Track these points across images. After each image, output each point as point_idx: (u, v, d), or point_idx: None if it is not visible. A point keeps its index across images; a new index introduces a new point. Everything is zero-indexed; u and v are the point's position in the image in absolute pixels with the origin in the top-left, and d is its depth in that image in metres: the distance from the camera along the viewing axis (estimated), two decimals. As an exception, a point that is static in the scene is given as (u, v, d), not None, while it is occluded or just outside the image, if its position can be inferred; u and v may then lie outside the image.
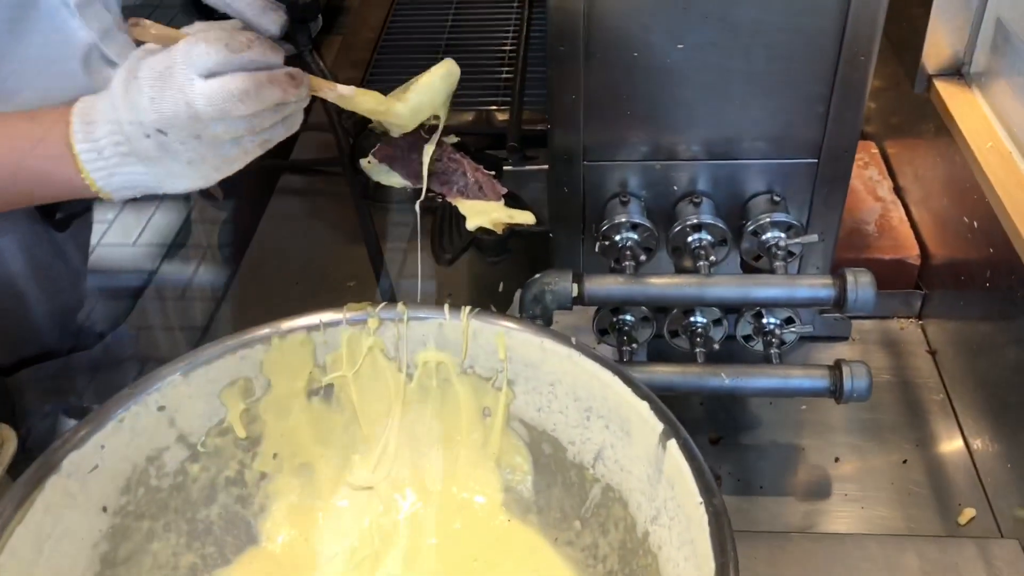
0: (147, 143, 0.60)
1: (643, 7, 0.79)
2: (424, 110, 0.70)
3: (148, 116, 0.59)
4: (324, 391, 0.73)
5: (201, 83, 0.58)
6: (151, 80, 0.59)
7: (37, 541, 0.59)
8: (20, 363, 0.84)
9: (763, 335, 0.89)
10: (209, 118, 0.59)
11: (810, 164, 0.87)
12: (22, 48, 0.72)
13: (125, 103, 0.60)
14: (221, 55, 0.58)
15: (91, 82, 0.77)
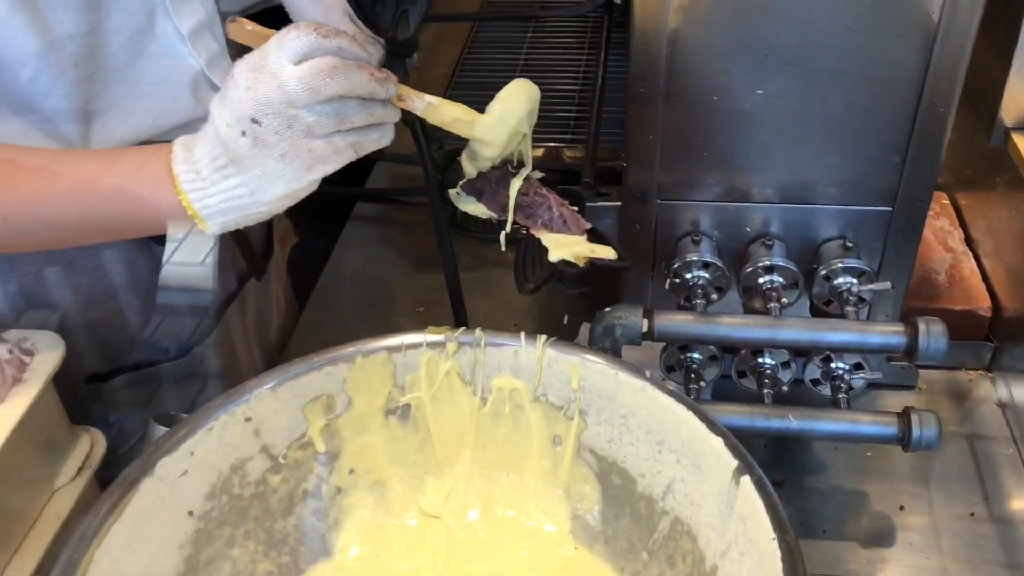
0: (243, 142, 0.62)
1: (724, 53, 0.81)
2: (508, 121, 0.71)
3: (245, 106, 0.61)
4: (401, 411, 0.75)
5: (292, 67, 0.60)
6: (246, 72, 0.61)
7: (129, 539, 0.62)
8: (115, 371, 0.88)
9: (831, 380, 0.89)
10: (302, 102, 0.61)
11: (884, 212, 0.87)
12: (138, 72, 0.77)
13: (222, 106, 0.62)
14: (311, 38, 0.61)
15: (198, 106, 0.81)
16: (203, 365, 0.92)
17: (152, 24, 0.77)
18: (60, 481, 0.79)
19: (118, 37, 0.75)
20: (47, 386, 0.76)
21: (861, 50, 0.79)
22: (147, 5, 0.77)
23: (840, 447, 0.95)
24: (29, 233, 0.68)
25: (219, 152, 0.63)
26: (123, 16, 0.75)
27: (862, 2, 0.77)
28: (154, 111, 0.79)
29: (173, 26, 0.79)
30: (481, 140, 0.71)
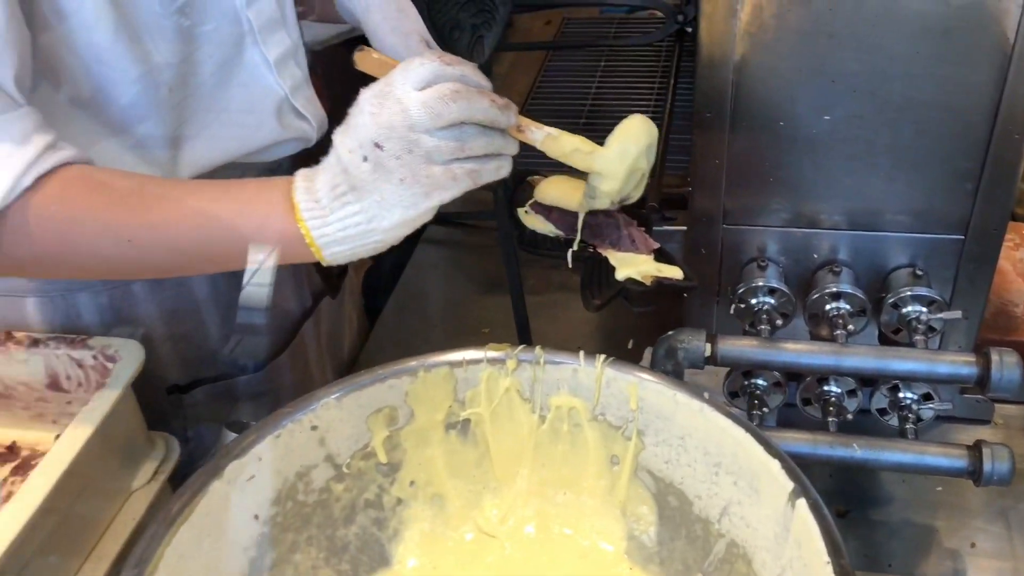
0: (364, 167, 0.64)
1: (791, 79, 0.81)
2: (629, 155, 0.70)
3: (368, 131, 0.63)
4: (461, 425, 0.76)
5: (416, 93, 0.62)
6: (371, 99, 0.64)
7: (198, 539, 0.64)
8: (195, 383, 0.91)
9: (899, 409, 0.87)
10: (423, 127, 0.62)
11: (956, 240, 0.86)
12: (227, 99, 0.81)
13: (345, 133, 0.64)
14: (435, 65, 0.63)
15: (282, 131, 0.85)
16: (278, 379, 0.95)
17: (240, 53, 0.81)
18: (135, 484, 0.82)
19: (209, 65, 0.79)
20: (127, 391, 0.79)
21: (932, 76, 0.78)
22: (236, 34, 0.80)
23: (909, 480, 0.92)
24: (153, 257, 0.70)
25: (340, 180, 0.65)
26: (214, 45, 0.79)
27: (933, 28, 0.76)
28: (240, 136, 0.83)
29: (260, 54, 0.82)
30: (600, 173, 0.70)
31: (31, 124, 0.66)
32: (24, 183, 0.64)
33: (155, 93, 0.76)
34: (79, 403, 0.83)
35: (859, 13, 0.77)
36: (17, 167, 0.64)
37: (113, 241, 0.67)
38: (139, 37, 0.74)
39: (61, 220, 0.66)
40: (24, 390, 0.86)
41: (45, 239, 0.66)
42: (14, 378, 0.85)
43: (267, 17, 0.80)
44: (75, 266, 0.72)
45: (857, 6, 0.76)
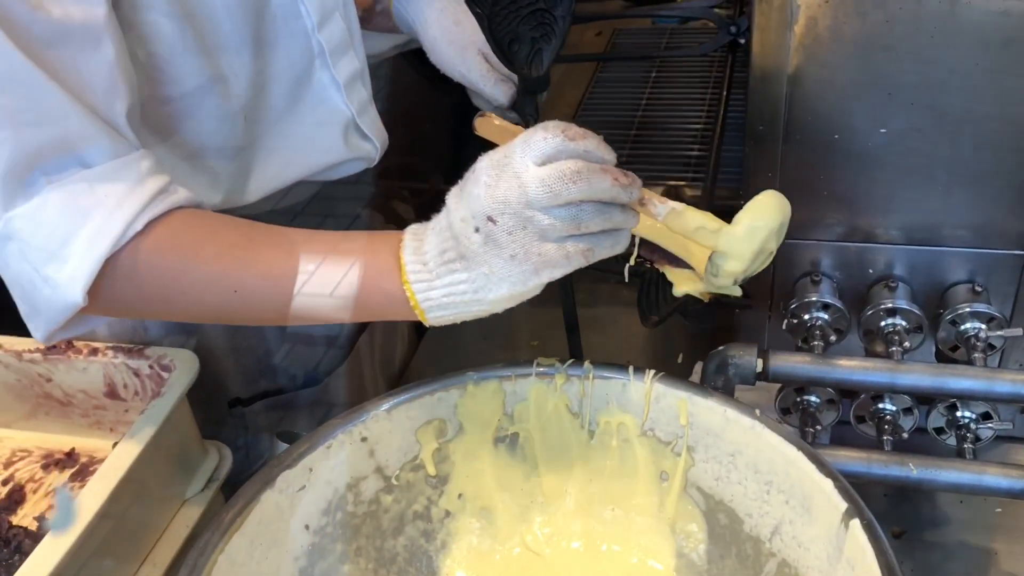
0: (475, 238, 0.61)
1: (846, 92, 0.80)
2: (758, 236, 0.65)
3: (483, 203, 0.60)
4: (510, 439, 0.76)
5: (536, 168, 0.60)
6: (489, 168, 0.61)
7: (250, 547, 0.65)
8: (256, 396, 0.93)
9: (957, 429, 0.85)
10: (540, 204, 0.60)
11: (1017, 256, 0.84)
12: (296, 120, 0.82)
13: (459, 200, 0.62)
14: (558, 140, 0.60)
15: (347, 152, 0.86)
16: (335, 392, 0.96)
17: (309, 75, 0.82)
18: (189, 492, 0.84)
19: (279, 89, 0.80)
20: (182, 401, 0.81)
21: (992, 88, 0.77)
22: (306, 57, 0.81)
23: (967, 501, 0.90)
24: (257, 310, 0.69)
25: (449, 246, 0.63)
26: (284, 69, 0.80)
27: (993, 39, 0.75)
28: (307, 158, 0.84)
29: (330, 75, 0.83)
30: (725, 253, 0.66)
31: (146, 167, 0.66)
32: (136, 227, 0.64)
33: (231, 121, 0.77)
34: (135, 411, 0.85)
35: (917, 25, 0.75)
36: (130, 212, 0.64)
37: (219, 291, 0.66)
38: (224, 77, 0.75)
39: (169, 268, 0.66)
40: (83, 398, 0.88)
41: (152, 285, 0.67)
42: (73, 386, 0.87)
43: (338, 39, 0.81)
44: (180, 312, 0.73)
45: (915, 18, 0.75)
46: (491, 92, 0.89)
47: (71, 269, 0.63)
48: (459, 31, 0.87)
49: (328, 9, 0.80)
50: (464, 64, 0.88)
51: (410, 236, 0.65)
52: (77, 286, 0.63)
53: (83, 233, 0.62)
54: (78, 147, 0.63)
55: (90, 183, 0.63)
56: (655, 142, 1.40)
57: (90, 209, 0.63)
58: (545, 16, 0.78)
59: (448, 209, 0.63)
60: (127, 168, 0.65)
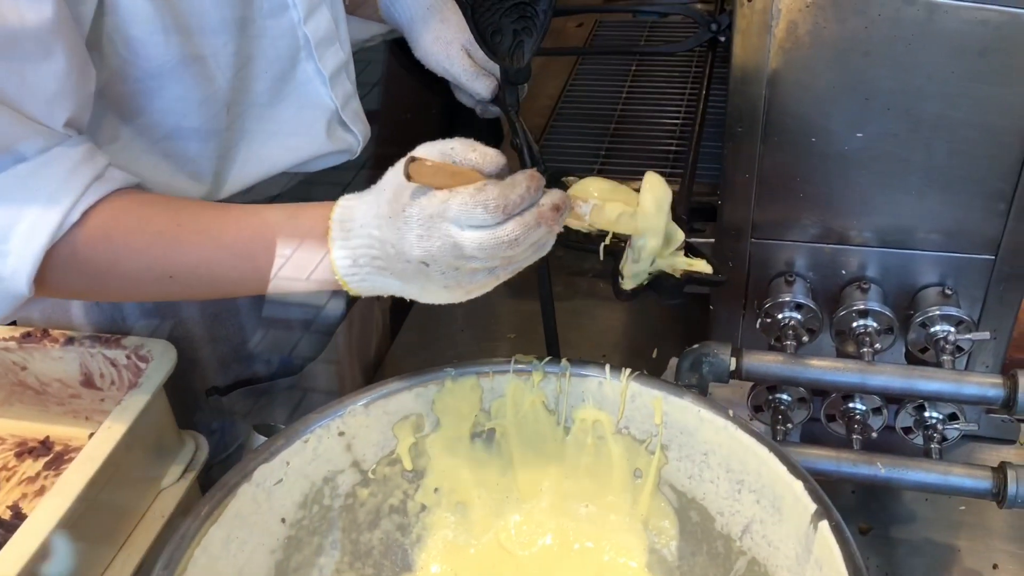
0: (406, 267, 0.62)
1: (824, 95, 0.81)
2: (664, 206, 0.69)
3: (413, 251, 0.61)
4: (486, 435, 0.77)
5: (472, 232, 0.59)
6: (421, 221, 0.60)
7: (226, 541, 0.66)
8: (234, 385, 0.93)
9: (924, 429, 0.87)
10: (477, 261, 0.61)
11: (986, 260, 0.85)
12: (279, 113, 0.82)
13: (391, 229, 0.61)
14: (496, 217, 0.59)
15: (329, 145, 0.86)
16: (313, 382, 0.97)
17: (294, 68, 0.82)
18: (166, 482, 0.84)
19: (263, 81, 0.80)
20: (160, 391, 0.81)
21: (967, 96, 0.78)
22: (291, 50, 0.81)
23: (932, 499, 0.92)
24: (194, 291, 0.72)
25: (378, 255, 0.63)
26: (269, 61, 0.79)
27: (969, 48, 0.76)
28: (289, 150, 0.84)
29: (315, 67, 0.83)
30: (646, 230, 0.69)
31: (79, 153, 0.67)
32: (72, 218, 0.65)
33: (210, 105, 0.77)
34: (112, 401, 0.85)
35: (895, 32, 0.76)
36: (65, 204, 0.65)
37: (154, 278, 0.68)
38: (203, 59, 0.74)
39: (104, 259, 0.67)
40: (59, 387, 0.88)
41: (93, 274, 0.68)
42: (49, 375, 0.87)
43: (324, 32, 0.81)
44: (126, 296, 0.76)
45: (893, 25, 0.76)
46: (473, 87, 0.89)
47: (13, 263, 0.64)
48: (444, 27, 0.88)
49: (315, 1, 0.79)
50: (448, 60, 0.88)
51: (338, 228, 0.64)
52: (21, 279, 0.65)
53: (20, 228, 0.64)
54: (9, 143, 0.64)
55: (22, 178, 0.64)
56: (634, 136, 1.40)
57: (25, 204, 0.64)
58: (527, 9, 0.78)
59: (380, 220, 0.62)
60: (59, 159, 0.65)
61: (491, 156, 0.62)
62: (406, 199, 0.61)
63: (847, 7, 0.76)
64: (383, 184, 0.63)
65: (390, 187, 0.62)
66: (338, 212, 0.64)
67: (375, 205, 0.63)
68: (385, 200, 0.62)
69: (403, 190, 0.61)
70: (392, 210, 0.61)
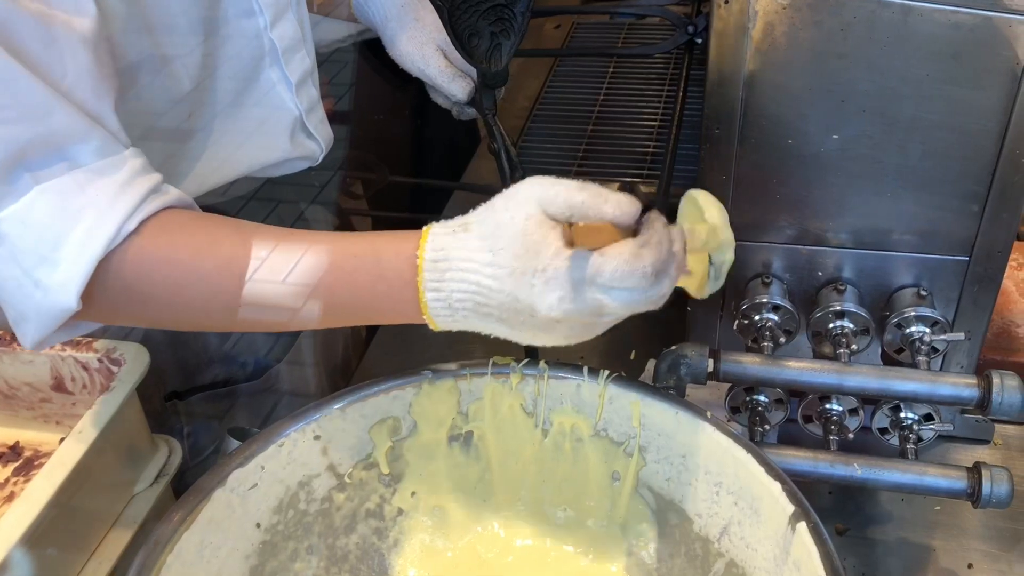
0: (528, 320, 0.59)
1: (801, 97, 0.81)
2: (726, 217, 0.68)
3: (551, 312, 0.58)
4: (464, 438, 0.77)
5: (621, 294, 0.57)
6: (566, 284, 0.57)
7: (200, 547, 0.65)
8: (194, 389, 0.92)
9: (900, 429, 0.88)
10: (613, 315, 0.59)
11: (960, 261, 0.86)
12: (242, 115, 0.81)
13: (522, 286, 0.58)
14: (651, 280, 0.57)
15: (292, 151, 0.85)
16: (276, 385, 0.96)
17: (257, 73, 0.81)
18: (139, 487, 0.83)
19: (227, 86, 0.79)
20: (132, 395, 0.80)
21: (941, 98, 0.78)
22: (256, 55, 0.80)
23: (908, 499, 0.93)
24: (253, 322, 0.68)
25: (491, 310, 0.60)
26: (234, 67, 0.78)
27: (943, 51, 0.76)
28: (249, 156, 0.83)
29: (281, 73, 0.82)
30: (726, 245, 0.67)
31: (137, 165, 0.64)
32: (129, 227, 0.61)
33: (178, 115, 0.76)
34: (83, 405, 0.84)
35: (870, 34, 0.77)
36: (123, 211, 0.61)
37: (221, 307, 0.64)
38: (169, 60, 0.73)
39: (166, 277, 0.63)
40: (28, 391, 0.86)
41: (148, 290, 0.64)
42: (18, 379, 0.86)
43: (290, 38, 0.80)
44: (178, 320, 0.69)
45: (868, 28, 0.76)
46: (449, 88, 0.89)
47: (63, 272, 0.60)
48: (419, 27, 0.87)
49: (281, 7, 0.79)
50: (423, 60, 0.88)
51: (431, 269, 0.60)
52: (71, 290, 0.60)
53: (75, 234, 0.60)
54: (65, 145, 0.60)
55: (80, 183, 0.61)
56: (612, 138, 1.41)
57: (81, 209, 0.60)
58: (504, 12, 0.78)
59: (490, 271, 0.59)
60: (117, 166, 0.62)
61: (625, 206, 0.58)
62: (547, 259, 0.57)
63: (823, 9, 0.76)
64: (496, 230, 0.59)
65: (514, 238, 0.58)
66: (430, 253, 0.60)
67: (487, 252, 0.59)
68: (510, 254, 0.58)
69: (540, 248, 0.58)
70: (524, 266, 0.58)
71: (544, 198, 0.58)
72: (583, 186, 0.59)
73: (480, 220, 0.60)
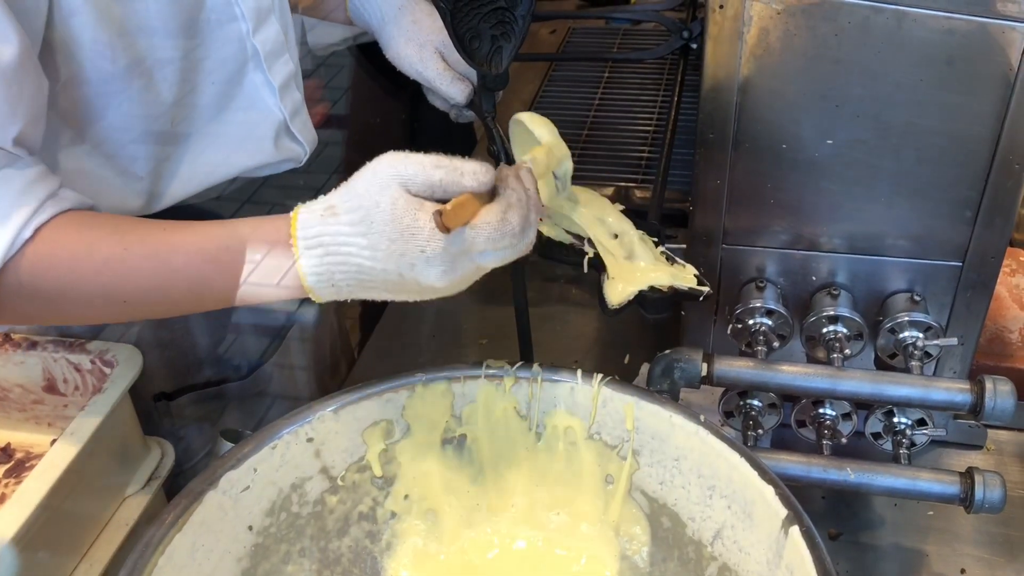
0: (407, 287, 0.63)
1: (795, 102, 0.81)
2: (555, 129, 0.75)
3: (435, 284, 0.62)
4: (457, 441, 0.77)
5: (495, 255, 0.63)
6: (444, 259, 0.61)
7: (192, 549, 0.64)
8: (181, 390, 0.91)
9: (893, 434, 0.88)
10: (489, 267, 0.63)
11: (954, 267, 0.86)
12: (226, 120, 0.81)
13: (402, 265, 0.61)
14: (516, 239, 0.62)
15: (276, 154, 0.85)
16: (264, 385, 0.96)
17: (241, 78, 0.81)
18: (130, 489, 0.82)
19: (210, 92, 0.79)
20: (124, 397, 0.80)
21: (935, 104, 0.79)
22: (239, 60, 0.80)
23: (901, 504, 0.93)
24: (151, 312, 0.72)
25: (372, 283, 0.63)
26: (216, 72, 0.79)
27: (937, 56, 0.77)
28: (235, 156, 0.83)
29: (264, 80, 0.82)
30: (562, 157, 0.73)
31: (33, 174, 0.65)
32: (24, 235, 0.63)
33: (161, 120, 0.76)
34: (75, 407, 0.83)
35: (864, 40, 0.77)
36: (18, 222, 0.62)
37: (108, 303, 0.66)
38: (149, 67, 0.73)
39: (53, 286, 0.65)
40: (20, 392, 0.86)
41: (41, 299, 0.66)
42: (10, 380, 0.85)
43: (273, 42, 0.81)
44: (78, 320, 0.73)
45: (862, 33, 0.76)
46: (448, 91, 0.89)
47: None
48: (417, 29, 0.87)
49: (264, 12, 0.79)
50: (421, 62, 0.88)
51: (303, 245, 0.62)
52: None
53: None
54: None
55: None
56: (607, 142, 1.41)
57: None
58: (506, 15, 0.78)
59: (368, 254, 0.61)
60: (10, 179, 0.63)
61: (481, 176, 0.62)
62: (423, 242, 0.60)
63: (817, 15, 0.77)
64: (366, 216, 0.61)
65: (385, 224, 0.61)
66: (303, 241, 0.62)
67: (361, 237, 0.61)
68: (385, 239, 0.61)
69: (414, 232, 0.60)
70: (401, 249, 0.61)
71: (404, 177, 0.61)
72: (438, 162, 0.61)
73: (347, 205, 0.62)
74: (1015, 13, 0.74)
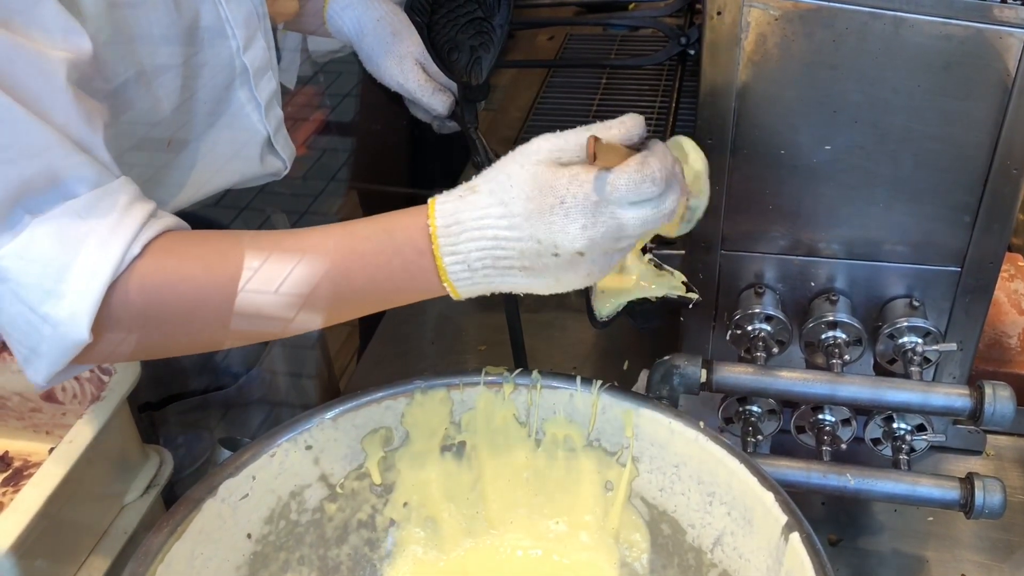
0: (552, 260, 0.60)
1: (793, 108, 0.81)
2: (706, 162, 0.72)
3: (575, 243, 0.59)
4: (456, 448, 0.76)
5: (635, 211, 0.60)
6: (586, 209, 0.59)
7: (191, 557, 0.64)
8: (167, 399, 0.91)
9: (893, 440, 0.88)
10: (632, 236, 0.61)
11: (952, 272, 0.86)
12: (213, 139, 0.81)
13: (541, 226, 0.59)
14: (661, 187, 0.60)
15: (259, 169, 0.86)
16: (251, 393, 0.95)
17: (230, 93, 0.81)
18: (129, 497, 0.82)
19: (202, 103, 0.79)
20: (122, 405, 0.79)
21: (932, 110, 0.79)
22: (228, 78, 0.81)
23: (901, 510, 0.93)
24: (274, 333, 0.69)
25: (511, 262, 0.61)
26: (208, 91, 0.79)
27: (934, 62, 0.77)
28: (221, 173, 0.84)
29: (250, 94, 0.82)
30: (701, 191, 0.71)
31: (132, 192, 0.63)
32: (133, 251, 0.60)
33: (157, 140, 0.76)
34: (73, 415, 0.83)
35: (862, 46, 0.77)
36: (126, 236, 0.60)
37: (240, 318, 0.63)
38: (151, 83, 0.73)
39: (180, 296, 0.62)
40: (18, 400, 0.86)
41: (155, 318, 0.63)
42: (9, 388, 0.85)
43: (260, 61, 0.81)
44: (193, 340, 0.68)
45: (860, 39, 0.77)
46: (429, 102, 0.89)
47: (70, 304, 0.58)
48: (396, 41, 0.87)
49: (252, 30, 0.79)
50: (402, 75, 0.88)
51: (444, 234, 0.61)
52: (81, 321, 0.59)
53: (79, 264, 0.58)
54: (61, 179, 0.59)
55: (78, 213, 0.59)
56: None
57: (83, 239, 0.59)
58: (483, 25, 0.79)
59: (506, 223, 0.60)
60: (113, 195, 0.61)
61: (629, 124, 0.62)
62: (562, 191, 0.59)
63: (815, 21, 0.77)
64: (507, 180, 0.60)
65: (525, 183, 0.59)
66: (441, 220, 0.61)
67: (499, 205, 0.60)
68: (523, 197, 0.59)
69: (553, 182, 0.59)
70: (540, 206, 0.59)
71: (555, 148, 0.61)
72: (587, 128, 0.62)
73: (488, 178, 0.61)
74: (1012, 19, 0.74)
